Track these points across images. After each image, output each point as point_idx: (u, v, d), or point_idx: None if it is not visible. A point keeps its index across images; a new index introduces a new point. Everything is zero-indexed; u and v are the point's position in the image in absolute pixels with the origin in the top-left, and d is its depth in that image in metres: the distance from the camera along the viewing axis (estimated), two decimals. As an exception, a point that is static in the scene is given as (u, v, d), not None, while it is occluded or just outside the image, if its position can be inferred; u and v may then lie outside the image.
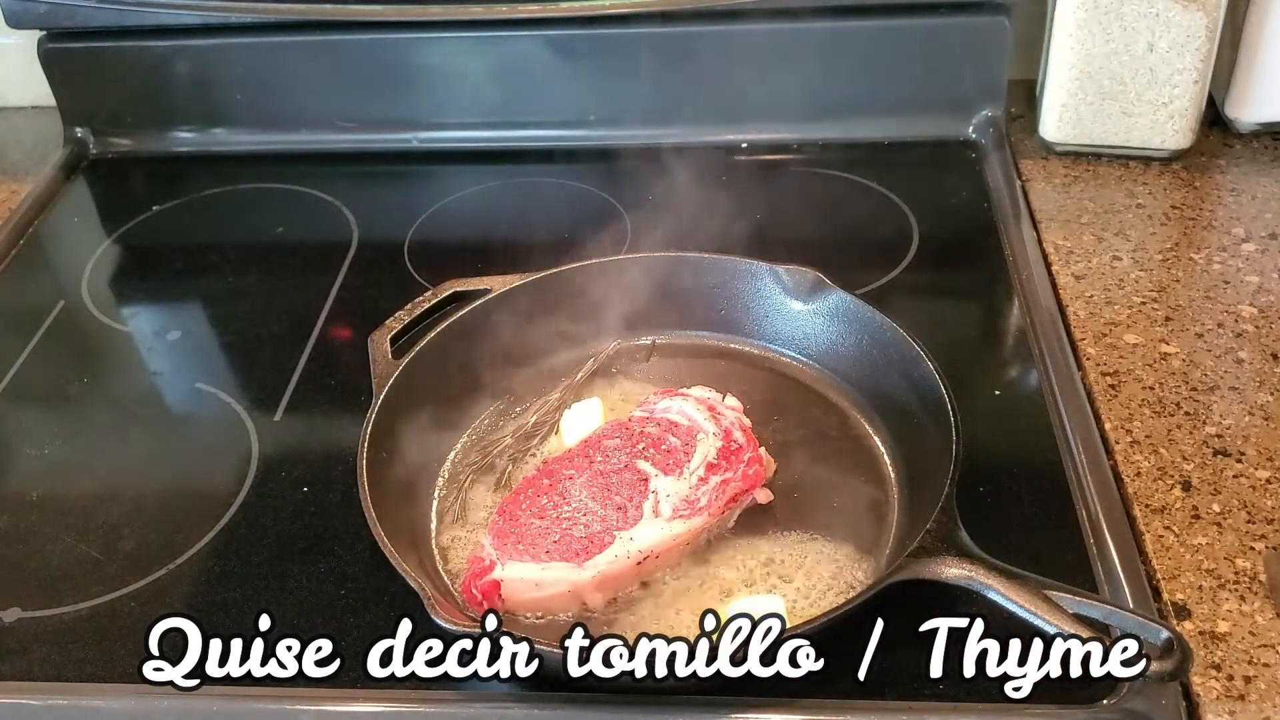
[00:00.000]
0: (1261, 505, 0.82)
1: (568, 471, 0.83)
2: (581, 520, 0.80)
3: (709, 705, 0.71)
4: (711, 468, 0.83)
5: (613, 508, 0.81)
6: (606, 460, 0.84)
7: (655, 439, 0.85)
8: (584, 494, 0.82)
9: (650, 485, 0.82)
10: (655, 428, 0.86)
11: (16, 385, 1.05)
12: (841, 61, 1.25)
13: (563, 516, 0.80)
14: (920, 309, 1.00)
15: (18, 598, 0.84)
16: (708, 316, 1.00)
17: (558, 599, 0.78)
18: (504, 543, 0.79)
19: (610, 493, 0.81)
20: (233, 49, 1.30)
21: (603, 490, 0.82)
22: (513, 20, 1.22)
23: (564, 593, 0.77)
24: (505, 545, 0.79)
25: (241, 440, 0.96)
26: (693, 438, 0.85)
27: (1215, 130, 1.23)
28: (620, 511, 0.80)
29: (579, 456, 0.85)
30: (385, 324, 0.94)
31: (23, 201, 1.29)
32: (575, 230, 1.13)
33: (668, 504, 0.81)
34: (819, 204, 1.21)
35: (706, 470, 0.83)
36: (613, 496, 0.81)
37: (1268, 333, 0.97)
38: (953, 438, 0.79)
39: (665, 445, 0.84)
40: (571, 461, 0.84)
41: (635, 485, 0.82)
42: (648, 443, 0.84)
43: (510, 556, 0.78)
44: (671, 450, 0.84)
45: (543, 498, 0.82)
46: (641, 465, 0.83)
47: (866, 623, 0.70)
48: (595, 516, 0.80)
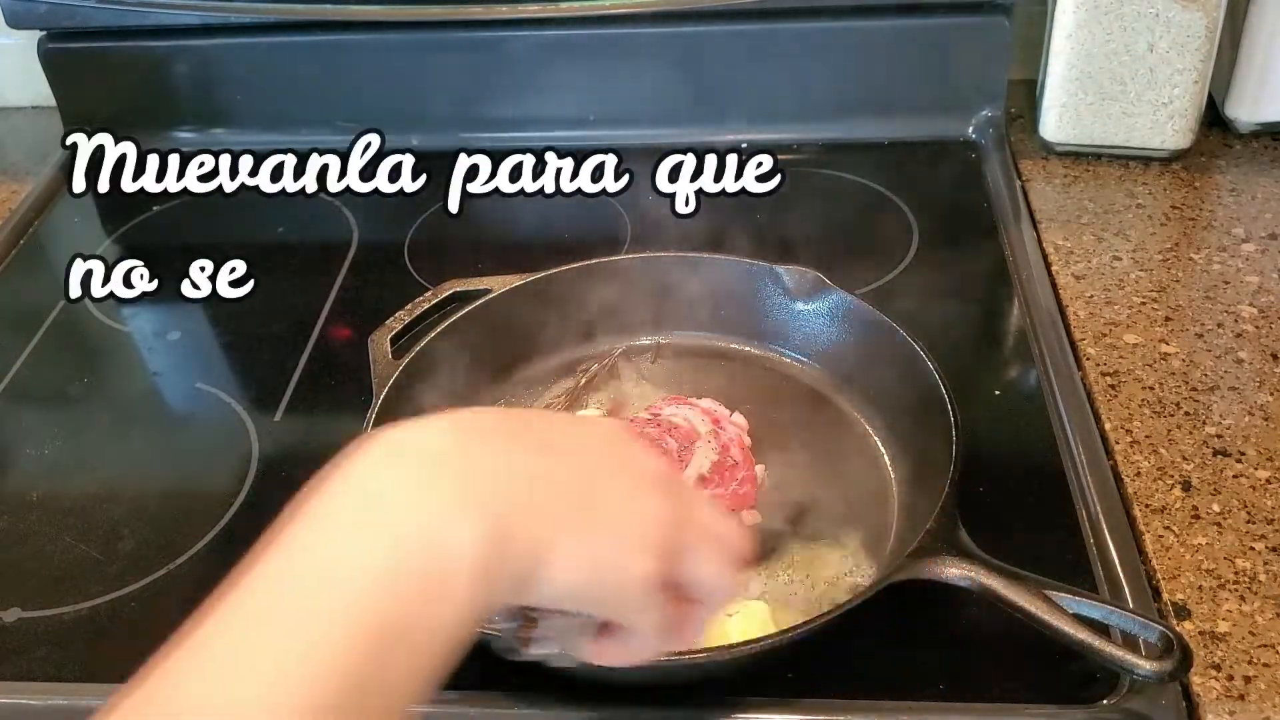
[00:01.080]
0: (1261, 505, 0.82)
1: None
2: None
3: (709, 705, 0.71)
4: (703, 480, 0.82)
5: None
6: None
7: (653, 440, 0.84)
8: None
9: None
10: (655, 429, 0.86)
11: (16, 385, 1.05)
12: (841, 61, 1.25)
13: None
14: (920, 309, 1.00)
15: (18, 598, 0.84)
16: (707, 317, 1.00)
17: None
18: None
19: None
20: (233, 49, 1.30)
21: None
22: (513, 20, 1.22)
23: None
24: None
25: (241, 440, 0.96)
26: (690, 445, 0.84)
27: (1215, 130, 1.23)
28: None
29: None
30: (385, 324, 0.94)
31: (23, 201, 1.29)
32: (575, 231, 1.13)
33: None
34: (819, 204, 1.21)
35: (698, 482, 0.82)
36: None
37: (1268, 333, 0.97)
38: (953, 438, 0.79)
39: (661, 447, 0.84)
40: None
41: None
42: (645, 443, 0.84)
43: None
44: (668, 453, 0.83)
45: None
46: None
47: (867, 622, 0.70)
48: None
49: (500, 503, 0.42)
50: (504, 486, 0.43)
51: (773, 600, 0.77)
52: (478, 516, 0.40)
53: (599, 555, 0.44)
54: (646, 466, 0.49)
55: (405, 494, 0.41)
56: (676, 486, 0.49)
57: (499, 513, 0.41)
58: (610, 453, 0.48)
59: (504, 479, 0.43)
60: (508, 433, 0.46)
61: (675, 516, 0.47)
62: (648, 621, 0.47)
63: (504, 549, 0.41)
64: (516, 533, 0.41)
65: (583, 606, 0.46)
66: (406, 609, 0.39)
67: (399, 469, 0.42)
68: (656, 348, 1.01)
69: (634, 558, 0.45)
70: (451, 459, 0.43)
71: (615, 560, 0.45)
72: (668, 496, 0.47)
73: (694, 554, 0.47)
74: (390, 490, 0.42)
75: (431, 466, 0.42)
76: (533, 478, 0.44)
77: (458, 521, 0.40)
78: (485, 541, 0.40)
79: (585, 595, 0.45)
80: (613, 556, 0.45)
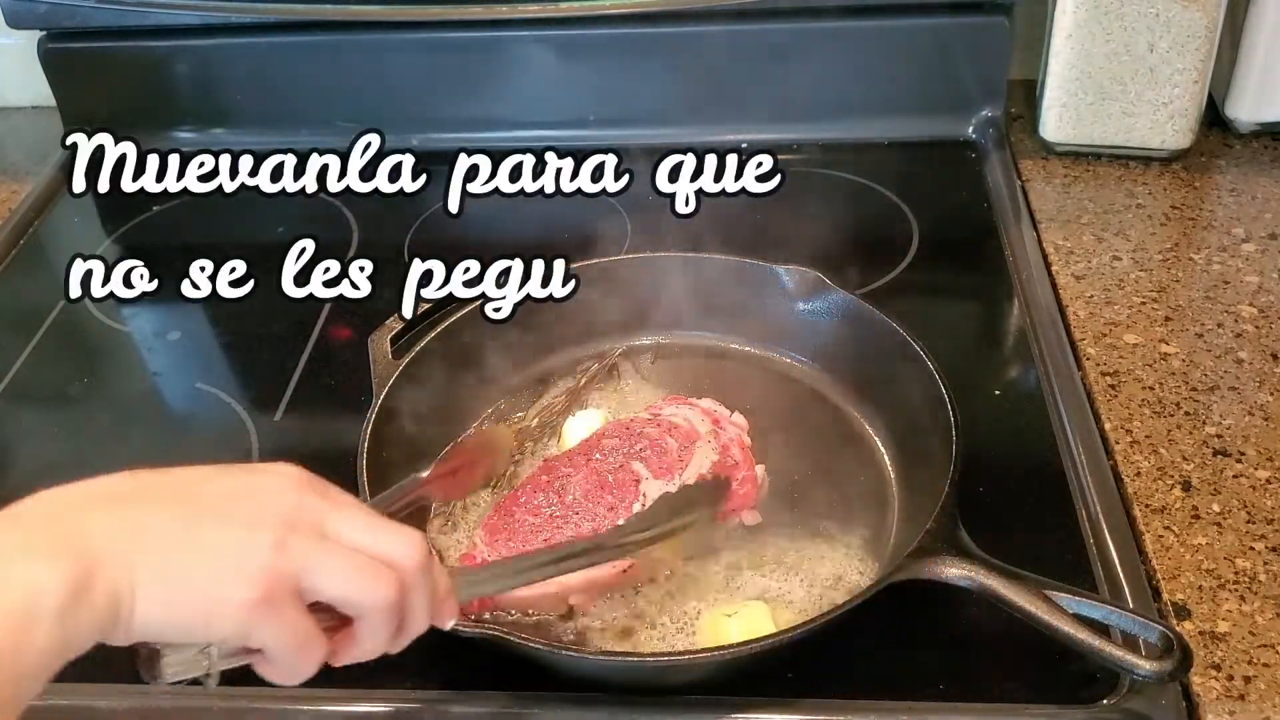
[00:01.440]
0: (1261, 505, 0.82)
1: (566, 469, 0.83)
2: (572, 519, 0.80)
3: (709, 705, 0.71)
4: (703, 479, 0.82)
5: (604, 508, 0.80)
6: (604, 460, 0.83)
7: (653, 440, 0.84)
8: (578, 492, 0.81)
9: (640, 488, 0.81)
10: (655, 429, 0.86)
11: (16, 385, 1.05)
12: (841, 61, 1.25)
13: (555, 515, 0.80)
14: (920, 309, 1.00)
15: (18, 598, 0.83)
16: (708, 317, 1.00)
17: (544, 598, 0.77)
18: (495, 539, 0.79)
19: (603, 492, 0.81)
20: (233, 49, 1.30)
21: (596, 489, 0.81)
22: (513, 20, 1.22)
23: (550, 593, 0.76)
24: (496, 542, 0.79)
25: (241, 440, 0.96)
26: (691, 445, 0.84)
27: (1215, 130, 1.23)
28: (611, 512, 0.80)
29: (579, 455, 0.84)
30: (385, 324, 0.94)
31: (23, 201, 1.29)
32: (575, 231, 1.13)
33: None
34: (819, 204, 1.21)
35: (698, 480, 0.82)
36: (604, 496, 0.81)
37: (1268, 333, 0.97)
38: (953, 437, 0.79)
39: (662, 447, 0.84)
40: (571, 460, 0.84)
41: (627, 486, 0.81)
42: (646, 443, 0.84)
43: (499, 553, 0.78)
44: (667, 452, 0.83)
45: (539, 495, 0.81)
46: (636, 466, 0.82)
47: (867, 622, 0.70)
48: (586, 516, 0.80)
49: (83, 553, 0.48)
50: (93, 540, 0.49)
51: (772, 600, 0.77)
52: (65, 565, 0.47)
53: (184, 591, 0.51)
54: (268, 509, 0.54)
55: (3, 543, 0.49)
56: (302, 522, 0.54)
57: (82, 563, 0.48)
58: (228, 500, 0.54)
59: (95, 534, 0.50)
60: (122, 493, 0.53)
61: (286, 546, 0.53)
62: (273, 638, 0.53)
63: (83, 594, 0.47)
64: (97, 581, 0.48)
65: (181, 637, 0.52)
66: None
67: (7, 522, 0.50)
68: (656, 348, 1.01)
69: (228, 586, 0.51)
70: (60, 517, 0.50)
71: (205, 592, 0.51)
72: (281, 529, 0.53)
73: (317, 575, 0.53)
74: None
75: (33, 524, 0.50)
76: (124, 531, 0.51)
77: (45, 569, 0.47)
78: (68, 587, 0.47)
79: (178, 628, 0.51)
80: (203, 591, 0.51)
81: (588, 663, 0.73)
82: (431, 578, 0.59)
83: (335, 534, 0.56)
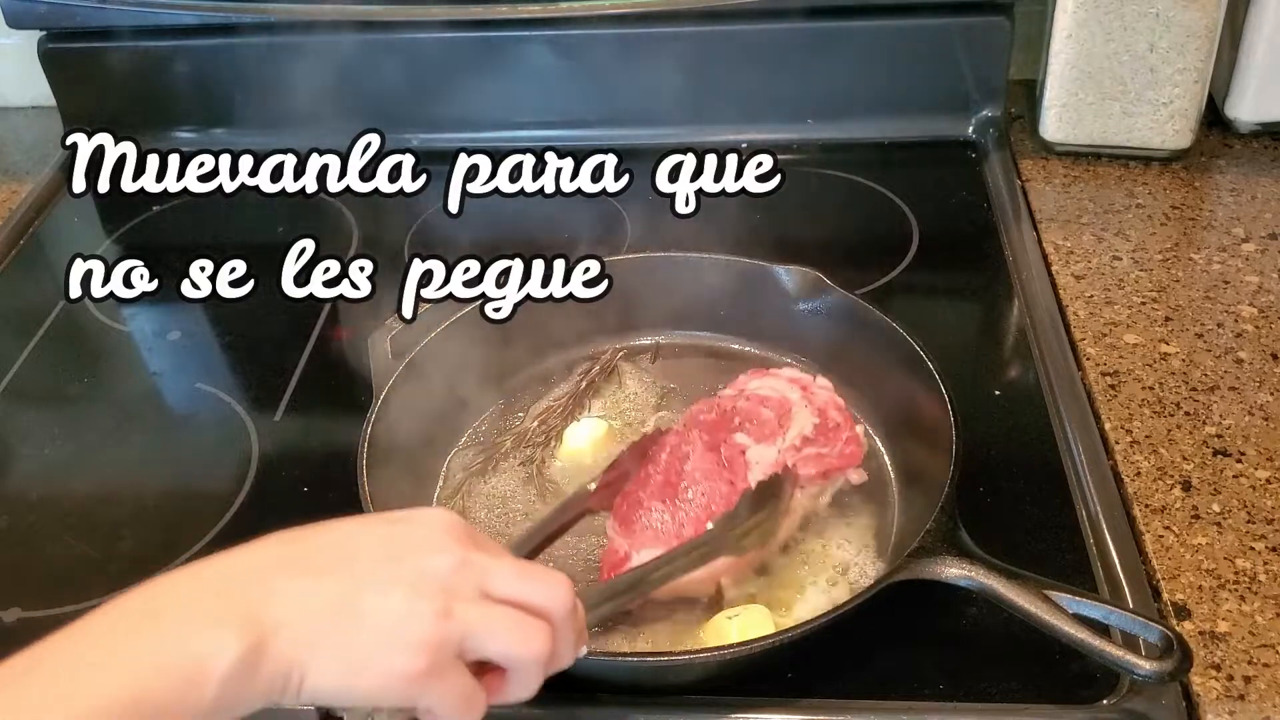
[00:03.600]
0: (1261, 505, 0.82)
1: (681, 451, 0.82)
2: (701, 500, 0.80)
3: (709, 705, 0.71)
4: (807, 441, 0.82)
5: (724, 483, 0.80)
6: (711, 437, 0.83)
7: (748, 413, 0.84)
8: (697, 473, 0.81)
9: (747, 456, 0.81)
10: (746, 402, 0.85)
11: (16, 385, 1.05)
12: (842, 61, 1.25)
13: (683, 499, 0.80)
14: (920, 309, 1.00)
15: (18, 598, 0.84)
16: (708, 317, 1.00)
17: (696, 583, 0.76)
18: (632, 531, 0.79)
19: (721, 469, 0.81)
20: (233, 49, 1.30)
21: (715, 467, 0.81)
22: (513, 20, 1.22)
23: (701, 577, 0.75)
24: (634, 534, 0.79)
25: (241, 440, 0.96)
26: (786, 411, 0.84)
27: (1215, 130, 1.23)
28: (731, 487, 0.80)
29: (682, 436, 0.84)
30: (385, 324, 0.94)
31: (23, 201, 1.29)
32: (575, 231, 1.13)
33: (759, 471, 0.80)
34: (819, 204, 1.21)
35: (802, 443, 0.82)
36: (723, 473, 0.81)
37: (1268, 333, 0.97)
38: (953, 438, 0.79)
39: (759, 418, 0.84)
40: (680, 443, 0.83)
41: (737, 459, 0.81)
42: (742, 417, 0.84)
43: (643, 544, 0.78)
44: (766, 422, 0.83)
45: (657, 480, 0.81)
46: (739, 439, 0.83)
47: (867, 622, 0.70)
48: (715, 495, 0.80)
49: (256, 624, 0.51)
50: (267, 612, 0.52)
51: (772, 601, 0.77)
52: (236, 635, 0.51)
53: (353, 662, 0.53)
54: (426, 569, 0.56)
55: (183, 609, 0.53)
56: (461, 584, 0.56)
57: (256, 634, 0.51)
58: (389, 564, 0.56)
59: (270, 606, 0.52)
60: (286, 561, 0.56)
61: (450, 614, 0.54)
62: (438, 702, 0.55)
63: (257, 662, 0.51)
64: (268, 650, 0.51)
65: (350, 703, 0.55)
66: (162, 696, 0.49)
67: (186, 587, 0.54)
68: (656, 348, 1.01)
69: (395, 657, 0.53)
70: (233, 587, 0.53)
71: (373, 664, 0.53)
72: (441, 596, 0.55)
73: (479, 639, 0.55)
74: (172, 604, 0.53)
75: (211, 590, 0.53)
76: (293, 602, 0.53)
77: (217, 637, 0.51)
78: (239, 654, 0.50)
79: (347, 696, 0.54)
80: (370, 661, 0.53)
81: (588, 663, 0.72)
82: (577, 619, 0.60)
83: (490, 589, 0.57)
